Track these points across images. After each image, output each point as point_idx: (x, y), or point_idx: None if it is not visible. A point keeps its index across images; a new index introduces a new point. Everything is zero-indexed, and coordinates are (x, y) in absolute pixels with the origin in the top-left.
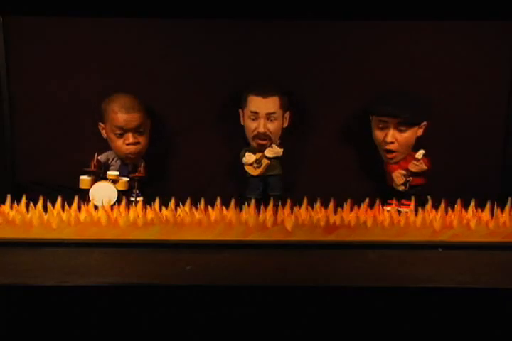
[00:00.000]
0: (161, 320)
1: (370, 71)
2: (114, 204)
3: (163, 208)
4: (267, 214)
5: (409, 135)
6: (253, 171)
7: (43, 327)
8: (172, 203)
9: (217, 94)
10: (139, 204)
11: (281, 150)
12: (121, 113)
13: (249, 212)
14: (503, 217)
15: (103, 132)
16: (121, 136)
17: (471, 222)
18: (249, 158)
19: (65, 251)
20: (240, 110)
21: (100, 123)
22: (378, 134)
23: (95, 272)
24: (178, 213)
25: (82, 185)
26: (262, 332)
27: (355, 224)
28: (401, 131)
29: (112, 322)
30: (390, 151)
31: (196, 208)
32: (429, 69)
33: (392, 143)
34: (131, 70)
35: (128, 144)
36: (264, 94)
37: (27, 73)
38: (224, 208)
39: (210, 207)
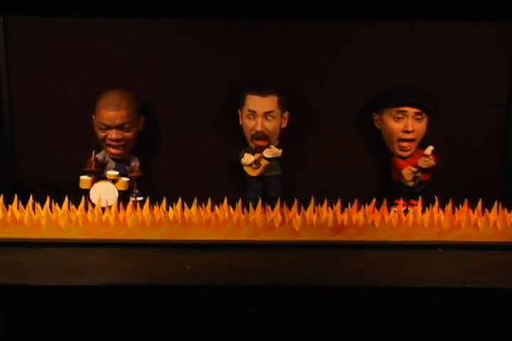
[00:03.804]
0: (161, 320)
1: (369, 71)
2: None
3: (170, 208)
4: (274, 214)
5: (424, 124)
6: (252, 172)
7: (42, 327)
8: (179, 203)
9: (216, 94)
10: (146, 205)
11: (280, 151)
12: (106, 110)
13: (255, 212)
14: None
15: (94, 123)
16: (105, 130)
17: (478, 223)
18: (248, 158)
19: (65, 251)
20: (238, 110)
21: (93, 115)
22: (395, 126)
23: (95, 272)
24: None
25: (82, 185)
26: (263, 332)
27: (363, 224)
28: (418, 120)
29: (112, 322)
30: (409, 140)
31: (202, 208)
32: (429, 69)
33: (412, 131)
34: (131, 70)
35: (110, 139)
36: (262, 92)
37: (27, 73)
38: (231, 208)
39: (216, 207)
